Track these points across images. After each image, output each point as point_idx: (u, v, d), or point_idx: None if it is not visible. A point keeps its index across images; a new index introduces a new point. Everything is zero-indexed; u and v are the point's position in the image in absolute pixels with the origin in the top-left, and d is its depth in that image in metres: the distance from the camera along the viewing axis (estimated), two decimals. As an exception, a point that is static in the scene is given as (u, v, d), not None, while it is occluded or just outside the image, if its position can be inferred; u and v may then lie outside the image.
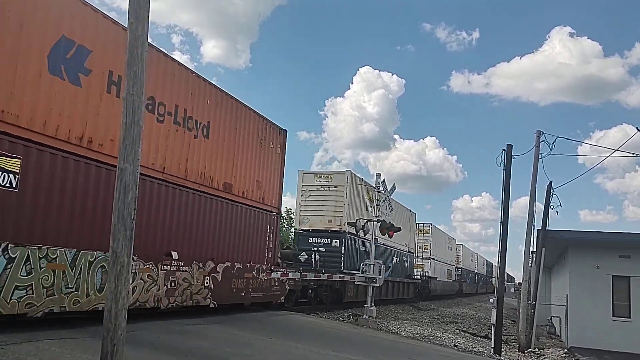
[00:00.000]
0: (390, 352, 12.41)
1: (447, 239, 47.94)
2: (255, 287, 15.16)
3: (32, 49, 8.62)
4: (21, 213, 8.41)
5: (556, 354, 19.66)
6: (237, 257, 14.34)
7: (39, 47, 8.71)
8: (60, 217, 9.14)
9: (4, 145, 8.13)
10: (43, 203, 8.79)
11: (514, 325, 28.05)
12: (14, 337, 7.64)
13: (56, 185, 9.03)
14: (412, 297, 34.11)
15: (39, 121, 8.72)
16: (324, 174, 23.46)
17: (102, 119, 9.90)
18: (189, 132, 12.44)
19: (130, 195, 6.05)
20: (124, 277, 5.94)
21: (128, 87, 6.15)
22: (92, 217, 9.68)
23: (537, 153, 21.59)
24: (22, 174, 8.38)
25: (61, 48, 9.09)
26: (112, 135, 9.92)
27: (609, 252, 21.02)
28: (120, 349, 5.84)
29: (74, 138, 9.36)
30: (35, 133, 8.64)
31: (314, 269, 20.79)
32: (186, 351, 8.57)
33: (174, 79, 11.97)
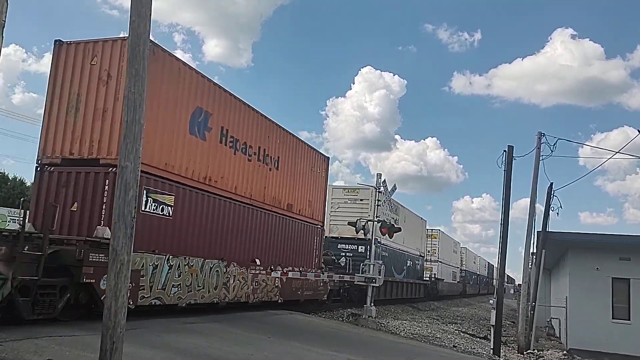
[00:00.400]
0: (389, 352, 12.40)
1: (453, 243, 50.92)
2: (308, 287, 18.71)
3: (182, 119, 12.26)
4: (174, 234, 11.97)
5: (555, 355, 19.64)
6: (295, 262, 17.92)
7: (185, 117, 12.35)
8: (193, 235, 12.64)
9: (166, 187, 11.70)
10: (185, 226, 12.32)
11: (514, 326, 28.03)
12: (13, 334, 7.65)
13: (191, 213, 12.56)
14: (422, 297, 37.09)
15: (183, 168, 12.32)
16: (351, 188, 26.55)
17: (216, 162, 13.53)
18: (266, 166, 16.16)
19: (131, 193, 6.05)
20: (123, 274, 5.94)
21: (129, 85, 6.14)
22: (210, 234, 13.30)
23: (538, 154, 21.57)
24: (174, 206, 11.92)
25: (196, 115, 12.73)
26: (222, 174, 13.79)
27: (609, 254, 20.99)
28: (119, 346, 5.85)
29: (202, 178, 12.99)
30: (181, 177, 12.22)
31: (347, 272, 23.28)
32: (185, 350, 8.57)
33: (258, 127, 15.67)
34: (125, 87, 6.22)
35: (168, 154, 11.77)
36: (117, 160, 9.34)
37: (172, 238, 11.89)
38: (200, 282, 12.73)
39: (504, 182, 19.93)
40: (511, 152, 20.02)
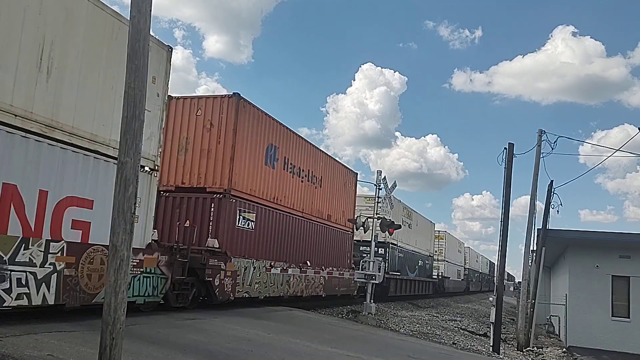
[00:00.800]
0: (388, 349, 12.41)
1: (458, 243, 54.98)
2: (343, 284, 22.27)
3: (260, 154, 15.87)
4: (255, 243, 15.62)
5: (554, 353, 19.67)
6: (334, 263, 21.55)
7: (261, 152, 15.97)
8: (266, 243, 16.33)
9: (250, 207, 15.34)
10: (261, 236, 16.00)
11: (513, 323, 28.06)
12: (13, 329, 7.66)
13: (265, 226, 16.26)
14: (431, 293, 40.54)
15: (260, 191, 15.95)
16: (371, 197, 28.62)
17: (281, 185, 17.23)
18: (312, 185, 19.69)
19: (130, 189, 6.03)
20: (123, 270, 5.93)
21: (129, 80, 6.12)
22: (277, 242, 16.97)
23: (539, 152, 21.58)
24: (255, 221, 15.53)
25: (268, 149, 16.33)
26: (285, 194, 17.47)
27: (608, 252, 21.01)
28: (119, 342, 5.84)
29: (272, 198, 16.61)
30: (259, 198, 15.85)
31: None
32: (185, 345, 8.57)
33: (308, 154, 19.28)
34: (125, 83, 6.20)
35: (251, 181, 15.47)
36: (220, 189, 14.33)
37: (253, 246, 15.63)
38: (272, 280, 16.41)
39: (504, 179, 19.94)
40: (511, 150, 20.02)
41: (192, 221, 13.87)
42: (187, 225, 13.66)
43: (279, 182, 17.02)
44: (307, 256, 19.05)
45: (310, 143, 19.69)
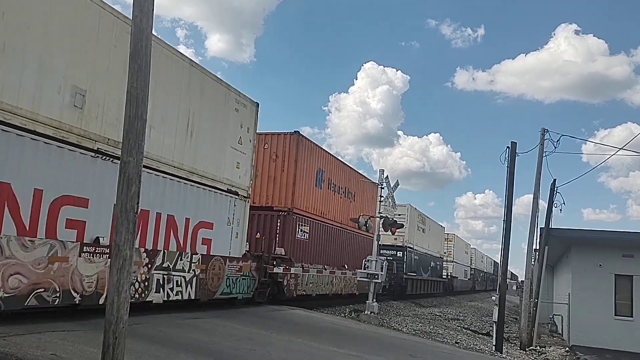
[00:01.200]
0: (391, 349, 12.41)
1: (465, 245, 58.36)
2: None
3: (312, 178, 19.34)
4: (309, 250, 19.04)
5: (557, 352, 19.64)
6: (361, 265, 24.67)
7: (313, 176, 19.38)
8: (316, 250, 19.70)
9: (306, 222, 18.79)
10: (313, 244, 19.46)
11: (516, 323, 28.02)
12: (16, 328, 7.67)
13: (315, 236, 19.68)
14: (441, 292, 44.23)
15: (312, 208, 19.35)
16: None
17: (325, 202, 20.61)
18: (347, 200, 23.28)
19: (133, 188, 6.03)
20: (126, 270, 5.93)
21: (132, 80, 6.11)
22: (323, 248, 20.41)
23: (542, 151, 21.54)
24: (309, 233, 18.93)
25: (317, 174, 19.75)
26: (329, 209, 20.96)
27: (611, 251, 20.96)
28: (121, 341, 5.85)
29: (320, 213, 20.09)
30: (311, 213, 19.27)
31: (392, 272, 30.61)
32: (186, 345, 8.59)
33: (344, 173, 22.90)
34: (127, 83, 6.20)
35: (306, 200, 18.85)
36: (285, 207, 17.54)
37: (308, 253, 19.08)
38: (321, 281, 19.87)
39: (506, 178, 19.89)
40: (514, 149, 19.98)
41: (262, 234, 17.10)
42: (258, 237, 16.77)
43: (324, 199, 20.60)
44: (344, 260, 22.71)
45: (346, 164, 23.63)
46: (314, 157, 19.48)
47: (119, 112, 9.34)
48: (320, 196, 20.00)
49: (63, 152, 9.06)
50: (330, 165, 21.19)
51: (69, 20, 9.06)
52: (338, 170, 22.09)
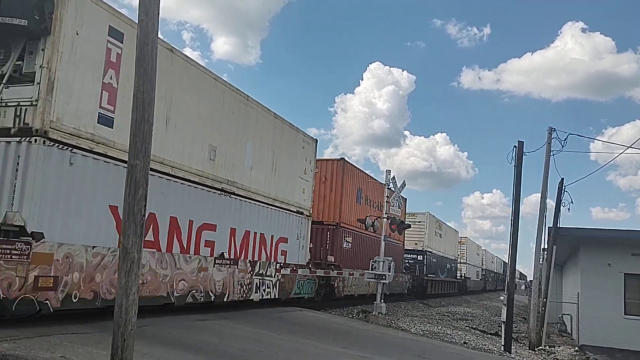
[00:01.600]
0: (399, 349, 12.40)
1: (476, 247, 61.80)
2: (398, 284, 28.84)
3: (354, 197, 22.71)
4: (352, 257, 22.18)
5: (567, 352, 19.53)
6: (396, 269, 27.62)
7: (354, 195, 22.75)
8: (356, 256, 22.63)
9: (349, 233, 22.03)
10: (354, 252, 22.54)
11: (525, 322, 27.89)
12: (26, 331, 7.73)
13: (355, 244, 22.85)
14: (456, 292, 47.63)
15: (353, 221, 21.97)
16: (411, 213, 34.88)
17: (362, 215, 22.31)
18: (378, 211, 24.00)
19: (140, 191, 6.06)
20: (134, 272, 5.96)
21: (138, 84, 6.14)
22: (360, 254, 23.10)
23: (549, 150, 21.44)
24: (351, 243, 22.01)
25: (357, 192, 23.06)
26: None
27: (621, 250, 20.83)
28: (130, 343, 5.88)
29: (357, 225, 22.15)
30: (353, 226, 22.13)
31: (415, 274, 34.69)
32: (195, 346, 8.62)
33: (375, 188, 24.86)
34: (134, 87, 6.23)
35: (349, 215, 22.04)
36: (333, 222, 21.08)
37: (351, 259, 22.30)
38: (361, 283, 22.95)
39: (514, 178, 19.80)
40: (521, 148, 19.89)
41: (313, 244, 19.36)
42: (311, 247, 18.80)
43: (362, 213, 23.22)
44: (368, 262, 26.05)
45: (378, 181, 25.77)
46: (355, 178, 23.10)
47: (234, 160, 13.72)
48: (359, 211, 23.26)
49: (203, 192, 12.49)
50: (367, 183, 24.64)
51: (207, 99, 12.62)
52: (372, 187, 25.36)
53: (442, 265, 41.59)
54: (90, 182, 9.37)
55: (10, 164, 8.44)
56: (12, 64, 8.90)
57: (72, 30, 8.86)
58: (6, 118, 8.69)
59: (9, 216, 8.21)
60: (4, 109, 8.75)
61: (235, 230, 13.85)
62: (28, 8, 8.52)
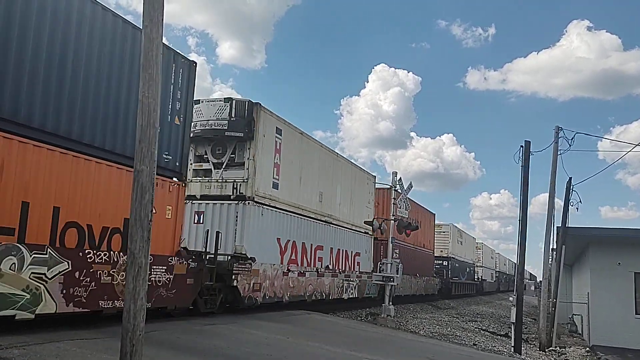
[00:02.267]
0: (408, 351, 12.35)
1: (491, 251, 67.88)
2: (430, 286, 34.25)
3: None
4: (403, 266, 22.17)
5: (578, 352, 19.37)
6: (426, 273, 33.62)
7: None
8: (407, 263, 24.69)
9: (399, 247, 24.84)
10: (404, 261, 23.27)
11: (535, 323, 27.71)
12: (36, 337, 7.76)
13: (403, 255, 26.07)
14: (474, 293, 52.53)
15: (399, 236, 23.35)
16: (437, 225, 38.89)
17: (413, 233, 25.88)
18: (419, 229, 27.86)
19: (147, 196, 6.08)
20: (141, 277, 5.97)
21: (143, 89, 6.17)
22: (410, 262, 27.03)
23: (556, 149, 21.31)
24: (399, 256, 24.25)
25: None
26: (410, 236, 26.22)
27: (631, 249, 20.64)
28: (139, 348, 5.89)
29: (403, 238, 25.71)
30: (400, 241, 25.40)
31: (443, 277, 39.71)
32: (204, 351, 8.62)
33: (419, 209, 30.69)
34: (139, 92, 6.26)
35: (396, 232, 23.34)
36: (385, 238, 22.32)
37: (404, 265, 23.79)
38: (407, 284, 28.05)
39: (521, 178, 19.70)
40: (528, 148, 19.79)
41: (374, 256, 24.23)
42: None
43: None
44: (416, 270, 30.63)
45: (414, 201, 30.03)
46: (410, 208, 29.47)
47: (331, 200, 19.61)
48: None
49: (317, 224, 18.61)
50: (412, 203, 29.96)
51: (318, 161, 18.78)
52: (412, 207, 30.24)
53: (462, 269, 46.97)
54: (268, 224, 15.38)
55: (232, 216, 14.53)
56: (229, 156, 15.09)
57: (262, 134, 15.07)
58: (227, 189, 14.80)
59: (237, 248, 14.18)
60: (226, 183, 14.86)
61: (332, 249, 19.81)
62: (242, 126, 14.76)
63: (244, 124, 14.61)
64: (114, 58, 10.03)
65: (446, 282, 39.80)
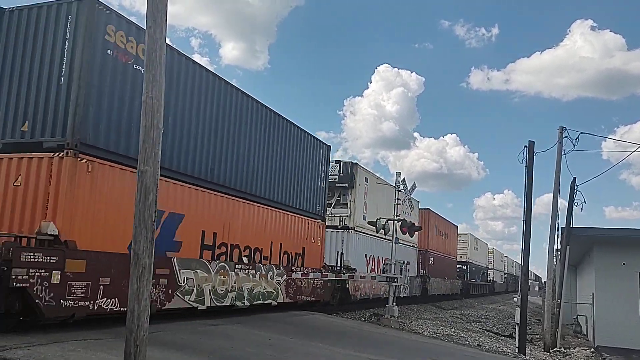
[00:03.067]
0: (412, 352, 12.34)
1: (500, 255, 75.14)
2: (454, 288, 40.63)
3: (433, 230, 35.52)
4: (434, 269, 34.86)
5: (582, 353, 19.32)
6: (451, 275, 40.51)
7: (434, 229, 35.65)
8: (437, 269, 35.33)
9: (432, 255, 34.71)
10: (436, 266, 35.50)
11: (539, 324, 27.65)
12: (40, 338, 7.78)
13: (436, 262, 35.53)
14: (487, 293, 58.46)
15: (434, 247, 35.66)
16: (458, 234, 45.29)
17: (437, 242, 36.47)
18: (446, 239, 39.26)
19: (150, 197, 6.08)
20: (145, 278, 5.98)
21: (147, 90, 6.18)
22: (439, 268, 36.12)
23: (560, 149, 21.26)
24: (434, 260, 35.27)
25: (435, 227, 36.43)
26: (438, 247, 36.47)
27: (635, 249, 20.57)
28: (143, 349, 5.90)
29: (436, 249, 36.31)
30: (434, 250, 35.56)
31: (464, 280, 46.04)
32: (209, 351, 8.63)
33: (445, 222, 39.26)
34: (143, 93, 6.27)
35: (432, 243, 33.46)
36: (424, 248, 33.94)
37: (434, 271, 32.82)
38: (443, 285, 36.40)
39: (525, 178, 19.66)
40: (532, 148, 19.76)
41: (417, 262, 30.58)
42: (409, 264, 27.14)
43: (438, 241, 36.14)
44: (444, 273, 37.58)
45: (444, 217, 38.72)
46: (434, 219, 35.29)
47: None
48: (436, 240, 35.56)
49: (376, 240, 23.38)
50: (439, 220, 37.19)
51: (381, 193, 24.16)
52: (441, 221, 37.78)
53: (478, 272, 53.74)
54: (359, 244, 22.25)
55: (340, 241, 21.02)
56: (336, 199, 21.78)
57: (359, 184, 22.26)
58: (334, 222, 21.22)
59: (345, 263, 20.11)
60: (335, 217, 21.23)
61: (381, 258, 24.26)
62: (347, 178, 21.88)
63: (348, 176, 21.87)
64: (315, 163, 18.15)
65: (466, 283, 45.85)
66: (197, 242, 12.11)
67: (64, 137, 9.10)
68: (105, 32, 9.54)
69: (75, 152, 9.02)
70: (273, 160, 15.40)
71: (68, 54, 9.36)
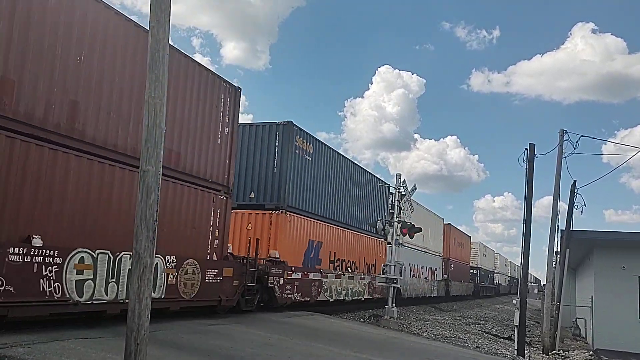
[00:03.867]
0: (411, 354, 12.34)
1: (505, 260, 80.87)
2: (469, 289, 46.92)
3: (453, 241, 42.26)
4: (454, 274, 42.11)
5: (581, 356, 19.33)
6: (465, 279, 46.97)
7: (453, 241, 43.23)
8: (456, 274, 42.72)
9: (452, 262, 40.96)
10: (455, 271, 43.08)
11: (538, 326, 27.65)
12: (40, 336, 7.80)
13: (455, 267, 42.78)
14: (493, 294, 64.68)
15: (452, 255, 41.39)
16: (476, 243, 54.46)
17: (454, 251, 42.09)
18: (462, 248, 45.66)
19: (152, 196, 6.08)
20: (146, 277, 5.98)
21: (150, 90, 6.19)
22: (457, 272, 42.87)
23: (561, 152, 21.27)
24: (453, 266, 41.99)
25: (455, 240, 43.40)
26: (455, 255, 42.65)
27: (635, 253, 20.59)
28: (143, 348, 5.90)
29: (454, 256, 42.06)
30: (453, 258, 41.68)
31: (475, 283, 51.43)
32: (208, 351, 8.64)
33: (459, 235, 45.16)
34: (146, 93, 6.28)
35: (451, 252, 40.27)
36: (446, 257, 40.13)
37: (454, 275, 41.04)
38: (460, 287, 42.49)
39: (525, 180, 19.67)
40: (532, 151, 19.77)
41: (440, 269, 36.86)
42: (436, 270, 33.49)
43: (455, 250, 40.94)
44: (461, 277, 42.94)
45: (460, 230, 44.64)
46: (454, 232, 40.77)
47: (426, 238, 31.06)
48: (455, 249, 41.34)
49: (425, 254, 31.73)
50: (457, 233, 42.89)
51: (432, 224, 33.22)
52: (458, 233, 43.17)
53: (485, 276, 59.75)
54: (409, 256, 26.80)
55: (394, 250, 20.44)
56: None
57: None
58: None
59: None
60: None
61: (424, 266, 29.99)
62: None
63: None
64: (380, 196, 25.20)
65: (477, 286, 52.31)
66: (327, 258, 19.47)
67: (279, 202, 16.52)
68: (295, 140, 17.03)
69: (284, 210, 16.46)
70: (359, 199, 22.91)
71: (278, 153, 16.76)
